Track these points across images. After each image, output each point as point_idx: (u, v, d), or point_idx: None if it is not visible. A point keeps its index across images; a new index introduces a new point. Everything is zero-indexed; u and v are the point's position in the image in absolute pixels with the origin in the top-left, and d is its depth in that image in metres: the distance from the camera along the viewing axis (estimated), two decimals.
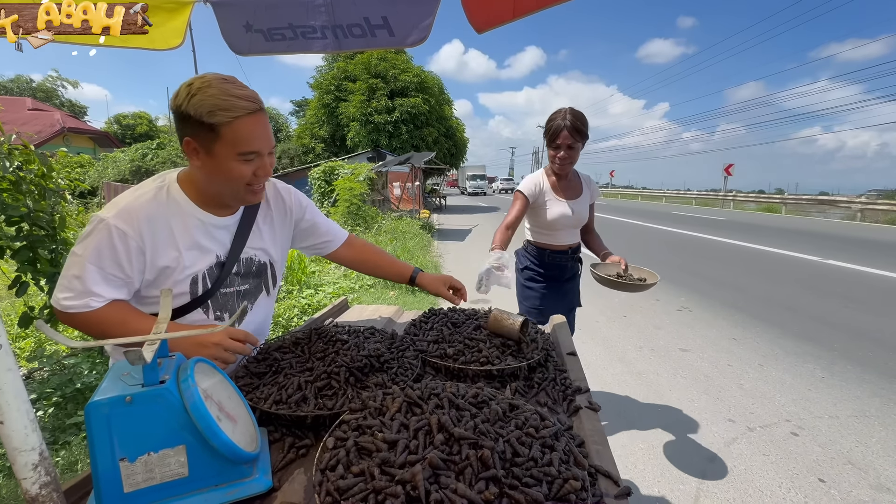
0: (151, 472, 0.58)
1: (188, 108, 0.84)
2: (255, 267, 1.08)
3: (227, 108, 0.84)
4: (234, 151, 0.88)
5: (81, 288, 0.86)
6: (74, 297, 0.87)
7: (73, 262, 0.87)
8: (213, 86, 0.84)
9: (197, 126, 0.85)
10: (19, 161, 2.18)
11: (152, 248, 0.90)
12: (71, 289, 0.87)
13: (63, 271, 0.88)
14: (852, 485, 1.95)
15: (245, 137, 0.87)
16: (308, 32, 1.27)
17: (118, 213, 0.87)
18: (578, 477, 0.61)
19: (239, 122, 0.85)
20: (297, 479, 0.70)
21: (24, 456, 0.47)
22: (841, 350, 3.42)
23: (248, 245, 1.05)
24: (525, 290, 2.08)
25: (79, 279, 0.86)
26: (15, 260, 2.09)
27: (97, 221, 0.86)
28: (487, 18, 1.28)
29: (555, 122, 1.80)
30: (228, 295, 1.04)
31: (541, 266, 2.05)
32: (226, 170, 0.90)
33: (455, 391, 0.78)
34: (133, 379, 0.59)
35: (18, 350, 3.12)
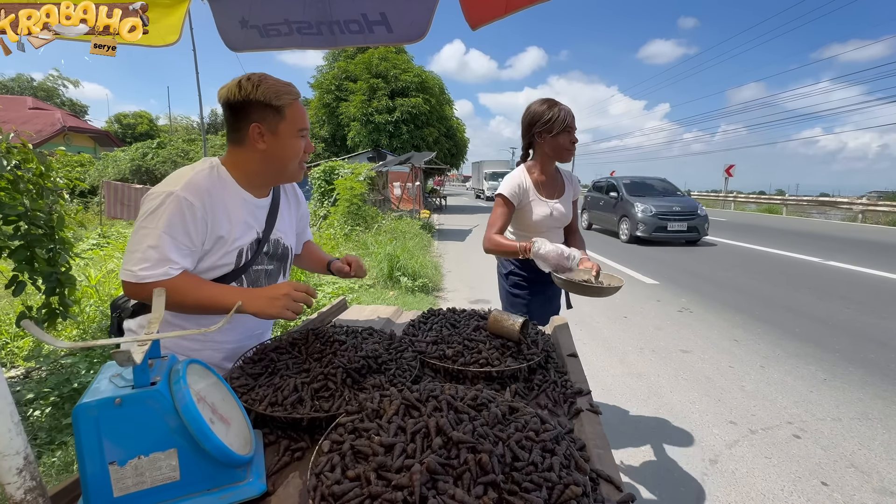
0: (142, 476, 0.57)
1: (257, 95, 0.96)
2: (281, 249, 1.17)
3: (288, 92, 1.00)
4: (295, 128, 1.02)
5: (158, 256, 0.91)
6: (152, 265, 0.91)
7: (145, 235, 0.91)
8: (269, 78, 0.99)
9: (265, 110, 0.98)
10: (17, 160, 2.17)
11: (213, 218, 0.98)
12: (147, 259, 0.91)
13: (132, 246, 0.93)
14: (855, 488, 1.93)
15: (301, 116, 1.03)
16: (304, 28, 1.26)
17: (185, 186, 0.94)
18: (579, 482, 0.59)
19: (296, 104, 1.02)
20: (293, 482, 0.69)
21: (9, 460, 0.45)
22: (843, 352, 3.40)
23: (276, 227, 1.14)
24: (510, 297, 1.92)
25: (155, 248, 0.91)
26: (12, 259, 2.08)
27: (165, 195, 0.92)
28: (482, 14, 1.27)
29: (559, 108, 1.69)
30: (259, 272, 1.13)
31: (525, 270, 1.87)
32: (289, 146, 1.03)
33: (454, 393, 0.77)
34: (123, 381, 0.58)
35: (16, 349, 3.11)
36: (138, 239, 0.93)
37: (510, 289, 1.92)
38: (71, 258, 2.35)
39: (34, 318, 2.20)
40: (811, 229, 12.08)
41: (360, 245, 7.27)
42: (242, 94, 0.97)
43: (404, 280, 5.23)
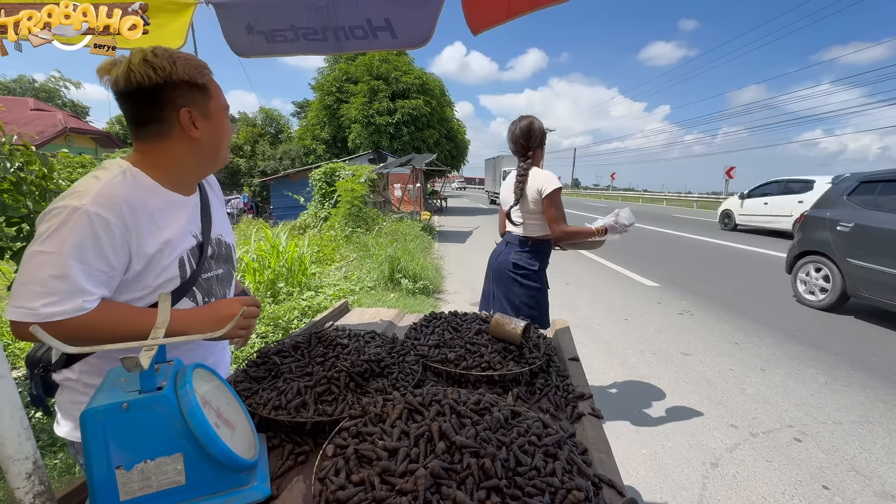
0: (148, 480, 0.57)
1: (180, 74, 0.80)
2: (224, 249, 1.04)
3: (204, 66, 0.85)
4: (222, 106, 0.90)
5: (67, 288, 0.73)
6: (60, 300, 0.73)
7: (44, 262, 0.73)
8: (177, 52, 0.83)
9: (191, 90, 0.83)
10: (20, 162, 2.18)
11: (137, 234, 0.81)
12: (51, 292, 0.73)
13: (26, 276, 0.73)
14: (856, 492, 1.93)
15: (221, 93, 0.90)
16: (310, 34, 1.27)
17: (94, 199, 0.76)
18: (582, 487, 0.60)
19: (213, 79, 0.87)
20: (296, 486, 0.69)
21: (18, 465, 0.46)
22: (844, 355, 3.40)
23: (214, 224, 1.00)
24: (539, 295, 2.10)
25: (60, 279, 0.73)
26: (14, 261, 2.09)
27: (68, 211, 0.74)
28: (483, 19, 1.28)
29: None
30: (210, 279, 0.98)
31: (545, 262, 2.13)
32: (222, 128, 0.90)
33: (457, 398, 0.77)
34: (130, 385, 0.58)
35: (18, 351, 3.12)
36: (34, 267, 0.73)
37: (541, 287, 2.11)
38: None
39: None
40: None
41: (360, 247, 7.27)
42: (160, 76, 0.78)
43: (405, 282, 5.24)
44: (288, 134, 25.67)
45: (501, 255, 2.14)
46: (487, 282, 2.23)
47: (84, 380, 0.90)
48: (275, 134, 25.04)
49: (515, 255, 2.08)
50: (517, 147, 2.09)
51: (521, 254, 2.08)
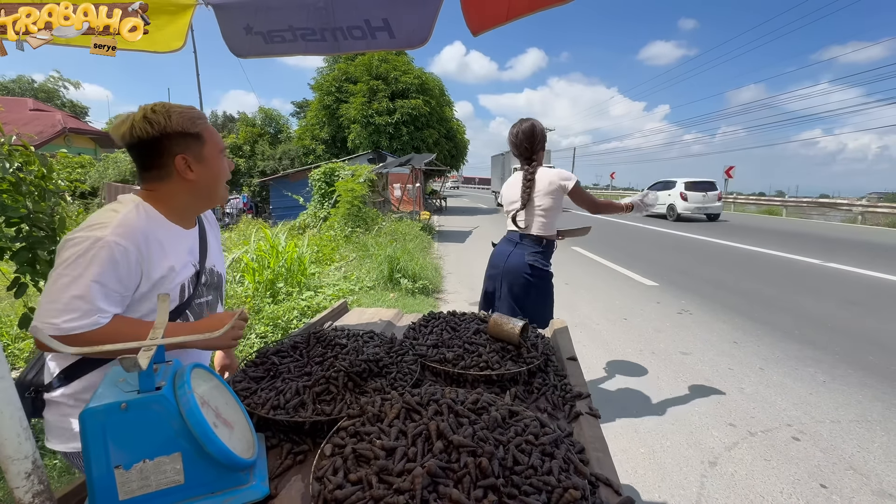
0: (147, 479, 0.58)
1: (173, 126, 0.92)
2: (216, 278, 1.15)
3: (199, 116, 0.97)
4: (217, 150, 1.01)
5: (87, 307, 0.84)
6: (79, 317, 0.84)
7: (67, 284, 0.84)
8: (173, 106, 0.95)
9: (185, 139, 0.95)
10: (19, 162, 2.18)
11: (148, 261, 0.92)
12: (72, 309, 0.83)
13: (51, 296, 0.84)
14: (854, 490, 1.94)
15: (217, 136, 1.01)
16: (308, 34, 1.27)
17: (115, 230, 0.87)
18: (578, 486, 0.60)
19: (209, 125, 1.00)
20: (295, 486, 0.69)
21: (18, 465, 0.46)
22: (842, 354, 3.41)
23: (209, 256, 1.11)
24: (551, 294, 2.16)
25: (81, 299, 0.84)
26: (14, 261, 2.09)
27: (91, 241, 0.85)
28: (483, 20, 1.28)
29: None
30: (202, 304, 1.09)
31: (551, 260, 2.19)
32: (216, 169, 1.01)
33: (454, 397, 0.78)
34: (129, 385, 0.59)
35: (18, 351, 3.12)
36: (59, 288, 0.84)
37: (551, 287, 2.17)
38: None
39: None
40: (811, 231, 12.08)
41: (360, 247, 7.28)
42: (157, 129, 0.91)
43: (404, 282, 5.24)
44: (287, 134, 25.65)
45: (513, 257, 2.11)
46: (491, 282, 2.20)
47: (80, 396, 0.96)
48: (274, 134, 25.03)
49: (531, 257, 2.08)
50: (521, 150, 2.12)
51: (536, 255, 2.09)
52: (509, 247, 2.16)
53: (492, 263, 2.22)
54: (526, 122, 2.11)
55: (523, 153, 2.11)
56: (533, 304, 2.06)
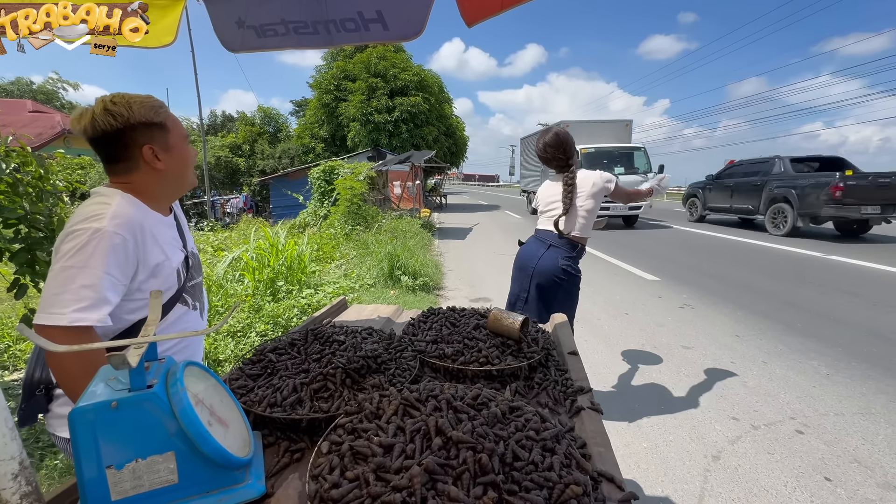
0: (140, 479, 0.56)
1: (136, 117, 0.92)
2: (196, 259, 1.17)
3: (159, 105, 0.96)
4: (181, 136, 1.01)
5: (96, 296, 0.84)
6: (88, 307, 0.83)
7: (74, 275, 0.83)
8: (133, 97, 0.94)
9: (150, 129, 0.94)
10: (16, 163, 2.17)
11: (143, 249, 0.94)
12: (81, 298, 0.82)
13: (56, 288, 0.83)
14: (859, 483, 1.93)
15: (179, 124, 1.02)
16: (300, 28, 1.25)
17: (111, 220, 0.88)
18: (580, 482, 0.59)
19: (171, 114, 0.99)
20: (292, 484, 0.68)
21: (3, 466, 0.45)
22: (845, 347, 3.39)
23: (186, 238, 1.13)
24: (576, 301, 2.23)
25: (90, 287, 0.83)
26: (13, 262, 2.08)
27: (91, 231, 0.85)
28: (476, 11, 1.26)
29: None
30: (195, 286, 1.12)
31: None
32: (184, 156, 1.02)
33: (454, 393, 0.76)
34: (120, 384, 0.57)
35: (19, 352, 3.12)
36: (65, 279, 0.83)
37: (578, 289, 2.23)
38: None
39: None
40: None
41: (360, 244, 7.27)
42: (120, 121, 0.90)
43: (405, 279, 5.23)
44: (287, 133, 25.62)
45: (545, 259, 2.11)
46: (520, 281, 2.19)
47: None
48: (273, 133, 24.99)
49: (564, 262, 2.10)
50: (556, 160, 2.13)
51: (570, 259, 2.11)
52: (541, 247, 2.15)
53: (521, 263, 2.21)
54: (548, 133, 2.13)
55: (559, 162, 2.13)
56: (559, 305, 2.10)
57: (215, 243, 7.09)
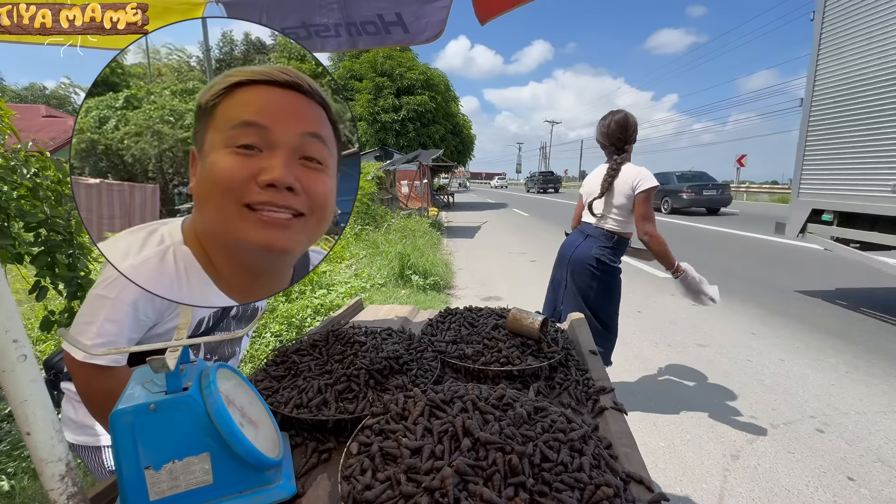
0: (176, 479, 0.58)
1: None
2: (250, 311, 1.08)
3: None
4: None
5: (117, 331, 0.82)
6: (105, 343, 0.82)
7: (102, 305, 0.82)
8: None
9: None
10: (35, 168, 2.21)
11: None
12: (103, 334, 0.81)
13: (87, 316, 0.82)
14: (883, 483, 1.90)
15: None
16: (321, 31, 1.26)
17: None
18: (611, 483, 0.59)
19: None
20: (321, 484, 0.69)
21: (52, 467, 0.46)
22: (865, 343, 3.33)
23: None
24: (619, 290, 2.22)
25: (113, 323, 0.82)
26: (33, 265, 2.12)
27: None
28: (490, 7, 1.26)
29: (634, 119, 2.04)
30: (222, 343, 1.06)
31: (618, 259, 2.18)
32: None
33: (479, 393, 0.76)
34: (156, 386, 0.58)
35: (39, 354, 3.18)
36: (95, 309, 0.82)
37: (619, 281, 2.20)
38: (90, 263, 2.39)
39: (57, 321, 2.25)
40: None
41: (370, 244, 7.30)
42: None
43: (416, 278, 5.25)
44: None
45: (581, 248, 2.11)
46: (558, 270, 2.23)
47: None
48: None
49: (598, 251, 2.08)
50: (613, 141, 2.07)
51: (604, 249, 2.08)
52: (579, 238, 2.17)
53: (560, 253, 2.23)
54: (619, 112, 2.07)
55: (615, 143, 2.07)
56: (596, 297, 2.08)
57: None
